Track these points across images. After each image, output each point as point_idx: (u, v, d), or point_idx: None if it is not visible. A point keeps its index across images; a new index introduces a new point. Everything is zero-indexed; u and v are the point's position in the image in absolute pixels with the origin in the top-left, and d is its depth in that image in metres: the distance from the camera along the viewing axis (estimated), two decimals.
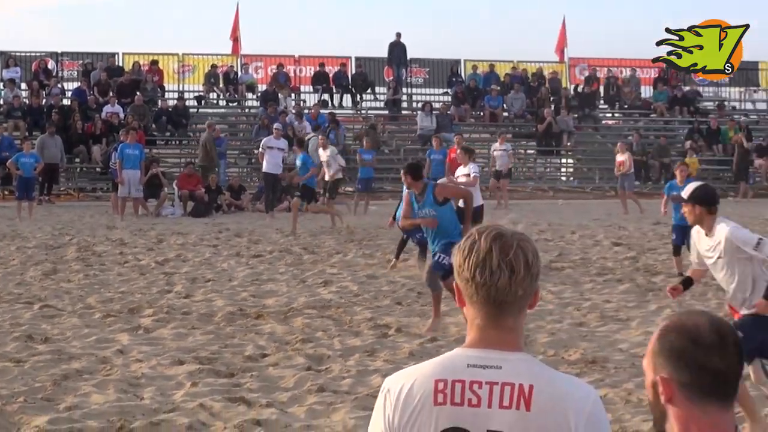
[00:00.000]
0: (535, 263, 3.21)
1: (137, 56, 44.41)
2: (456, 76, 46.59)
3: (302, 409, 10.08)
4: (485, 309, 3.21)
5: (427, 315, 15.05)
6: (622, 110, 47.49)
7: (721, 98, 48.79)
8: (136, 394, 10.54)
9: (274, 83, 44.21)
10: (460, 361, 3.23)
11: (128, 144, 31.42)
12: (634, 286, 17.89)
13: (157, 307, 15.49)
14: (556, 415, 3.14)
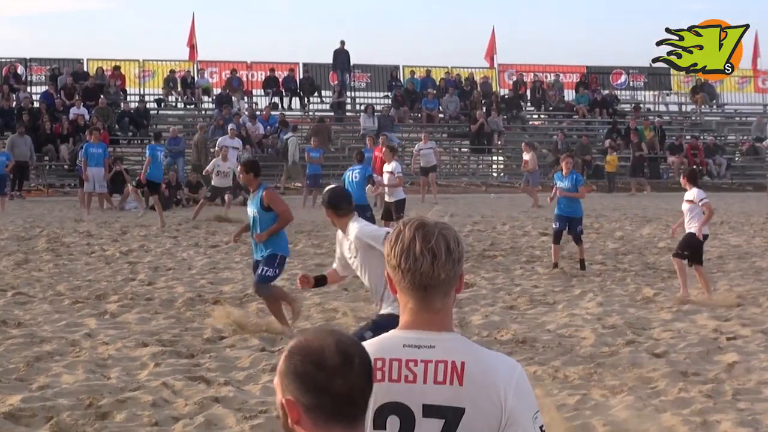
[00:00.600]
0: (456, 249, 3.24)
1: (101, 62, 44.16)
2: (395, 81, 46.67)
3: (257, 387, 10.10)
4: (413, 293, 3.25)
5: (370, 300, 15.07)
6: (547, 112, 47.76)
7: (637, 101, 49.15)
8: (103, 374, 10.51)
9: (228, 87, 44.18)
10: (396, 342, 3.26)
11: (93, 143, 31.37)
12: (559, 273, 18.00)
13: (122, 293, 15.43)
14: (487, 387, 3.17)
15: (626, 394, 9.90)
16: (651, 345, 12.17)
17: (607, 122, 45.99)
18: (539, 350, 11.86)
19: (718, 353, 11.73)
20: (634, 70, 50.04)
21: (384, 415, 3.20)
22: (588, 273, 17.99)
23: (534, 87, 47.63)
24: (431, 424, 3.17)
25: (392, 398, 3.20)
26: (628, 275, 17.75)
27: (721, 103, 50.85)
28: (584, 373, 10.75)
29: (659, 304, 14.99)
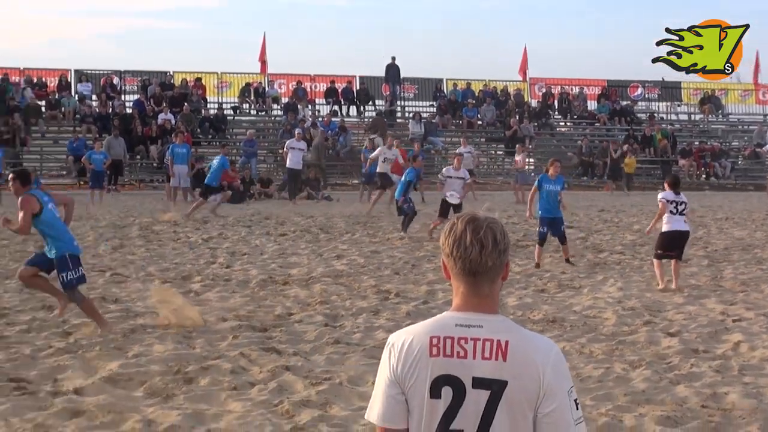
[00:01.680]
0: (503, 241, 3.24)
1: (185, 74, 44.39)
2: (440, 92, 46.62)
3: (322, 358, 10.11)
4: (464, 279, 3.25)
5: (419, 283, 15.07)
6: (572, 120, 47.52)
7: (651, 111, 48.80)
8: (189, 344, 10.56)
9: (294, 96, 44.28)
10: (449, 322, 3.26)
11: (178, 144, 31.53)
12: (584, 261, 17.90)
13: (204, 275, 15.52)
14: (527, 363, 3.17)
15: (644, 368, 9.83)
16: (666, 325, 12.09)
17: (624, 129, 45.69)
18: (567, 329, 11.81)
19: (725, 333, 11.63)
20: (649, 84, 49.71)
21: (439, 386, 3.19)
22: (609, 261, 17.89)
23: (561, 98, 47.46)
24: (479, 395, 3.16)
25: (446, 371, 3.19)
26: (645, 264, 17.61)
27: (726, 113, 50.41)
28: (607, 349, 10.69)
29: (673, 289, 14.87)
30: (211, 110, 43.40)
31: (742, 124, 50.04)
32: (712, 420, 8.09)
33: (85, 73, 43.38)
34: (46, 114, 40.84)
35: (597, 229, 23.57)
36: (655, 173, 43.11)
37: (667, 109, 50.14)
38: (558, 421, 3.16)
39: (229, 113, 43.83)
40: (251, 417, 7.93)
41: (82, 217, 24.41)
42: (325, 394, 8.61)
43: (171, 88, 43.03)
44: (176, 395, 8.57)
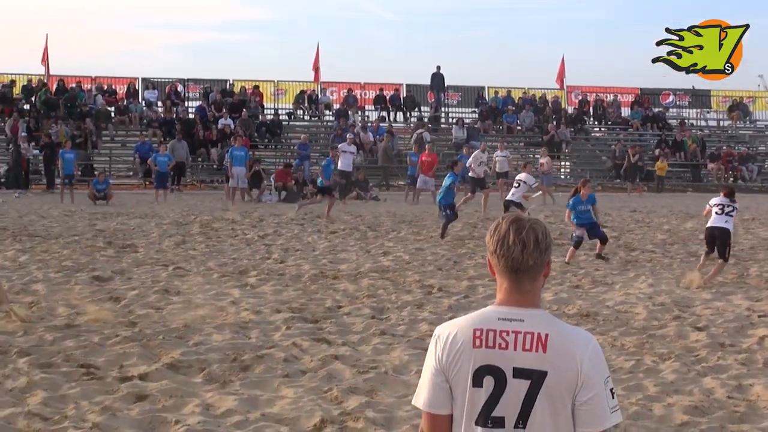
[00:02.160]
0: (544, 241, 3.24)
1: (244, 82, 44.65)
2: (481, 99, 46.53)
3: (368, 348, 10.12)
4: (507, 276, 3.25)
5: (461, 279, 15.03)
6: (607, 126, 47.20)
7: (682, 117, 48.38)
8: (245, 334, 10.62)
9: (345, 103, 44.38)
10: (492, 315, 3.27)
11: (237, 147, 31.73)
12: (617, 258, 17.78)
13: (260, 269, 15.59)
14: (566, 355, 3.16)
15: (673, 360, 9.75)
16: (694, 320, 11.97)
17: (656, 134, 45.32)
18: (600, 322, 11.73)
19: (750, 328, 11.50)
20: (680, 92, 49.26)
21: (481, 375, 3.19)
22: (640, 259, 17.74)
23: (596, 105, 47.18)
24: (519, 384, 3.16)
25: (488, 361, 3.19)
26: (674, 261, 17.47)
27: (754, 120, 49.87)
28: (638, 342, 10.61)
29: (701, 286, 14.72)
30: (267, 116, 43.59)
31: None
32: (737, 410, 8.01)
33: (152, 81, 43.77)
34: (115, 119, 41.29)
35: (629, 229, 23.40)
36: (685, 176, 42.76)
37: (697, 116, 49.67)
38: (595, 408, 3.15)
39: (285, 118, 44.04)
40: (302, 402, 7.96)
41: (147, 215, 24.66)
42: (371, 382, 8.62)
43: (231, 95, 43.30)
44: (233, 381, 8.62)
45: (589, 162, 43.66)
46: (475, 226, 23.59)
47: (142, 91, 43.25)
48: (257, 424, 7.33)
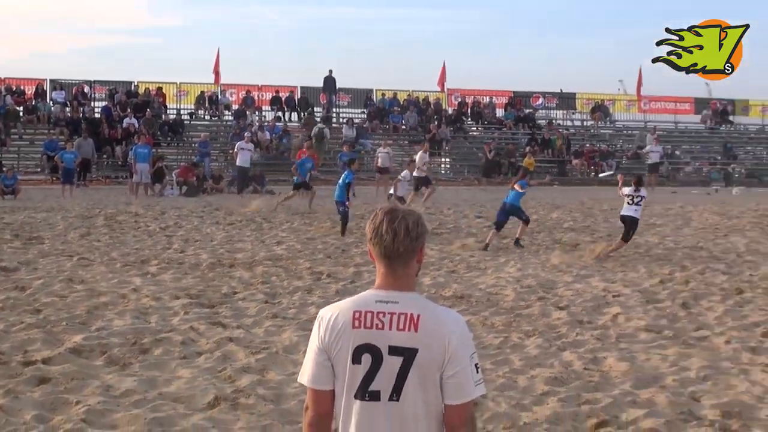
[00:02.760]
0: (415, 229, 3.28)
1: (148, 84, 43.84)
2: (370, 100, 46.58)
3: (261, 330, 10.10)
4: (382, 261, 3.30)
5: (348, 266, 15.08)
6: (483, 125, 47.75)
7: (550, 117, 49.27)
8: (145, 319, 10.49)
9: (243, 104, 43.99)
10: (370, 298, 3.30)
11: (140, 145, 31.29)
12: (490, 246, 18.03)
13: (161, 259, 15.37)
14: (436, 334, 3.21)
15: (537, 337, 9.97)
16: (556, 300, 12.24)
17: (527, 133, 46.07)
18: (473, 304, 11.91)
19: (606, 307, 11.81)
20: (548, 94, 50.23)
21: (360, 353, 3.23)
22: (511, 246, 18.01)
23: (473, 106, 47.69)
24: (394, 360, 3.20)
25: (366, 340, 3.23)
26: (541, 248, 17.82)
27: (613, 120, 51.04)
28: (506, 321, 10.82)
29: (563, 269, 15.06)
30: (170, 115, 42.87)
31: (627, 129, 50.70)
32: (592, 380, 8.24)
33: (60, 83, 42.63)
34: (24, 118, 40.13)
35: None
36: (552, 171, 43.56)
37: (563, 116, 50.58)
38: (461, 382, 3.21)
39: (186, 118, 43.38)
40: (198, 382, 7.91)
41: (53, 209, 24.05)
42: (263, 362, 8.61)
43: (135, 96, 42.45)
44: (132, 364, 8.51)
45: (467, 158, 44.15)
46: (362, 217, 23.65)
47: (50, 92, 42.09)
48: (155, 403, 7.25)
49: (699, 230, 21.65)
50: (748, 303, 12.22)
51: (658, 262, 15.99)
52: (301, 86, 46.06)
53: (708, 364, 8.84)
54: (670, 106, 51.64)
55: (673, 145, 47.85)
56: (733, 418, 7.14)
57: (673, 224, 23.07)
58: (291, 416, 6.99)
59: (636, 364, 8.84)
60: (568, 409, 7.30)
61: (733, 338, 10.02)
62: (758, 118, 52.47)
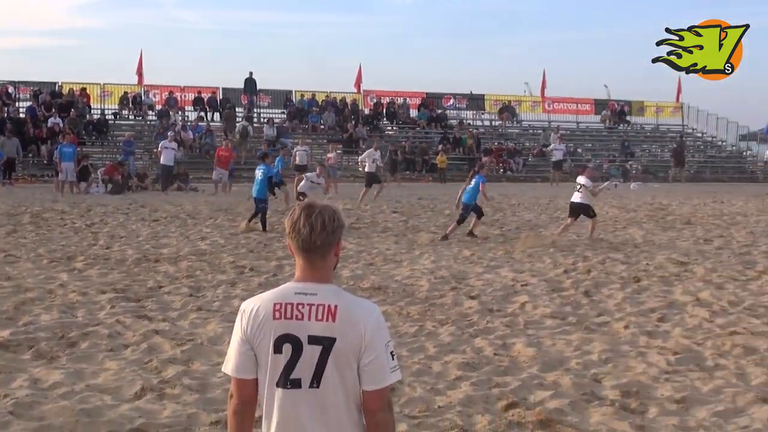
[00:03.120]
0: (331, 224, 3.27)
1: (72, 85, 42.96)
2: (289, 101, 46.40)
3: (186, 322, 9.99)
4: (301, 255, 3.29)
5: (270, 259, 15.00)
6: (398, 125, 47.96)
7: (461, 117, 49.70)
8: (72, 314, 10.27)
9: (166, 104, 43.44)
10: (290, 290, 3.29)
11: (65, 144, 30.68)
12: (405, 239, 18.14)
13: (87, 255, 15.07)
14: (352, 323, 3.21)
15: (450, 325, 10.05)
16: (468, 290, 12.35)
17: (440, 132, 46.43)
18: (390, 294, 11.94)
19: (514, 296, 11.96)
20: (459, 96, 50.70)
21: (281, 343, 3.22)
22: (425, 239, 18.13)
23: (388, 107, 47.86)
24: (313, 349, 3.20)
25: (287, 331, 3.22)
26: (453, 241, 17.95)
27: (520, 120, 51.78)
28: (421, 310, 10.88)
29: (474, 261, 15.22)
30: (94, 115, 42.09)
31: (532, 128, 51.48)
32: (501, 365, 8.34)
33: None
34: None
35: (416, 214, 23.89)
36: (464, 168, 43.91)
37: (473, 117, 51.11)
38: (377, 368, 3.22)
39: (111, 118, 42.67)
40: (125, 373, 7.79)
41: None
42: (188, 353, 8.51)
43: (60, 96, 41.54)
44: (60, 357, 8.34)
45: (383, 156, 44.24)
46: (283, 213, 23.56)
47: None
48: (82, 395, 7.11)
49: (600, 223, 22.08)
50: (645, 290, 12.52)
51: (563, 253, 16.26)
52: (223, 87, 45.67)
53: (608, 348, 9.03)
54: (572, 107, 52.61)
55: (575, 144, 48.75)
56: (631, 398, 7.31)
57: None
58: (216, 404, 6.93)
59: (542, 349, 8.98)
60: (479, 392, 7.39)
61: (632, 323, 10.25)
62: (653, 118, 53.84)
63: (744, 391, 7.51)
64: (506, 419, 6.68)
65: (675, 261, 15.36)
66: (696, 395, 7.41)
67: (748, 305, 11.45)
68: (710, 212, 25.66)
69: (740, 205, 28.75)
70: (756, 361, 8.55)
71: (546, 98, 51.83)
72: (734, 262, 15.44)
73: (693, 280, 13.44)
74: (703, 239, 18.79)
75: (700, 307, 11.25)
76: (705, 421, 6.75)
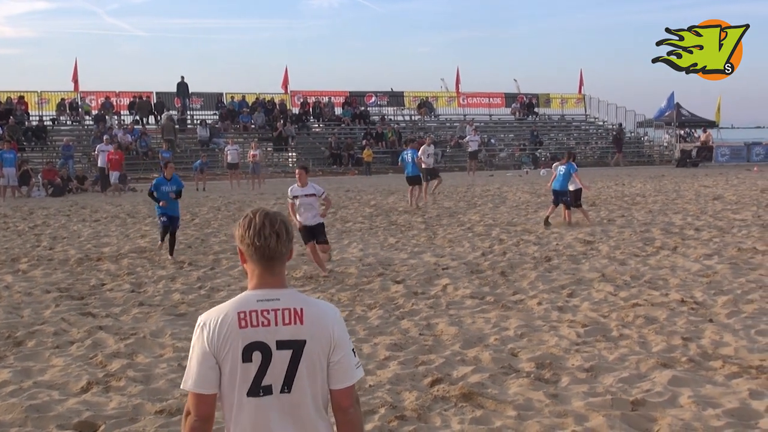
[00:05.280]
0: (290, 231, 3.17)
1: (9, 93, 41.81)
2: (221, 103, 45.85)
3: (129, 317, 9.86)
4: (261, 263, 3.14)
5: (207, 254, 14.85)
6: (324, 122, 47.83)
7: (382, 113, 49.78)
8: (18, 314, 10.05)
9: (102, 109, 42.55)
10: (251, 299, 3.13)
11: (6, 150, 29.77)
12: (335, 229, 18.10)
13: (30, 256, 14.71)
14: (320, 324, 3.12)
15: (378, 309, 10.10)
16: (394, 275, 12.41)
17: (363, 128, 46.45)
18: (321, 282, 11.93)
19: (437, 279, 12.06)
20: (380, 93, 50.77)
21: (250, 352, 3.08)
22: (353, 229, 18.15)
23: (315, 106, 47.66)
24: (283, 354, 3.08)
25: (254, 339, 3.08)
26: (379, 230, 18.01)
27: (437, 114, 52.11)
28: (351, 296, 10.91)
29: (399, 247, 15.28)
30: (33, 122, 40.99)
31: (449, 122, 51.83)
32: (426, 344, 8.42)
33: None
34: None
35: (344, 205, 23.87)
36: (387, 160, 44.07)
37: (394, 112, 51.23)
38: (345, 366, 3.14)
39: (49, 124, 41.56)
40: (71, 369, 7.66)
41: None
42: (132, 347, 8.40)
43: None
44: (7, 356, 8.15)
45: (311, 152, 44.12)
46: (218, 209, 23.34)
47: None
48: (30, 391, 6.97)
49: (513, 208, 22.39)
50: (555, 269, 12.75)
51: (480, 237, 16.45)
52: (157, 91, 44.92)
53: (524, 324, 9.19)
54: (484, 101, 53.12)
55: (489, 134, 49.20)
56: (545, 369, 7.46)
57: (492, 203, 23.77)
58: (160, 395, 6.86)
59: (463, 327, 9.09)
60: (406, 370, 7.45)
61: (544, 300, 10.44)
62: (558, 110, 54.70)
63: (646, 358, 7.72)
64: (432, 395, 6.75)
65: (582, 240, 15.66)
66: (603, 364, 7.60)
67: (648, 279, 11.75)
68: (613, 194, 26.21)
69: (639, 186, 29.42)
70: (656, 330, 8.79)
71: (461, 93, 52.25)
72: (635, 239, 15.81)
73: (598, 258, 13.73)
74: (607, 219, 19.19)
75: (605, 282, 11.51)
76: (612, 387, 6.92)
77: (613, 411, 6.29)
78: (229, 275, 12.69)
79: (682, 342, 8.29)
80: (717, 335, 8.58)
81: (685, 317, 9.36)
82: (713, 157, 47.24)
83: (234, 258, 14.28)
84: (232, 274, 12.73)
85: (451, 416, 6.30)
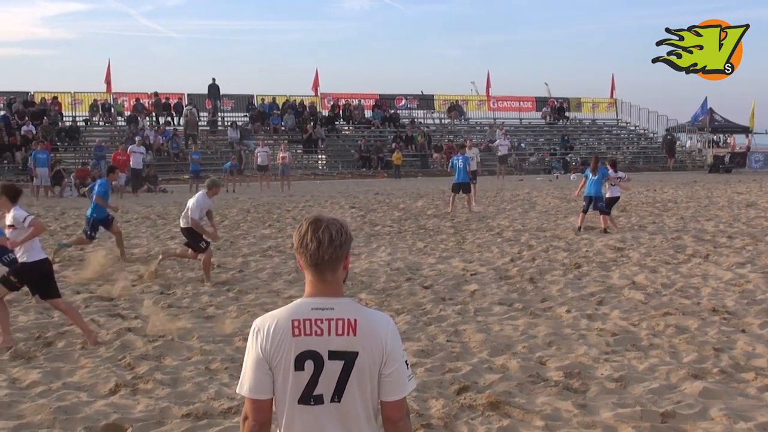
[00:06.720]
0: (339, 238, 3.08)
1: (44, 93, 42.31)
2: (251, 105, 46.08)
3: (158, 318, 9.88)
4: (311, 269, 3.10)
5: (236, 256, 14.89)
6: (354, 125, 47.89)
7: (412, 117, 49.76)
8: (48, 314, 10.12)
9: (134, 110, 42.91)
10: (306, 306, 3.09)
11: (39, 151, 30.14)
12: (363, 233, 18.11)
13: (62, 257, 14.84)
14: (373, 336, 3.07)
15: (406, 314, 10.06)
16: (422, 280, 12.38)
17: (393, 131, 46.45)
18: (349, 286, 11.89)
19: (465, 284, 12.01)
20: (410, 96, 50.75)
21: (302, 360, 3.05)
22: (381, 233, 18.13)
23: (345, 108, 47.75)
24: (335, 365, 3.05)
25: (307, 347, 3.05)
26: (408, 234, 17.97)
27: (468, 118, 51.97)
28: (378, 300, 10.88)
29: (428, 252, 15.24)
30: (66, 122, 41.42)
31: (479, 125, 51.68)
32: (454, 351, 8.37)
33: None
34: None
35: (372, 209, 23.87)
36: (416, 164, 44.07)
37: (424, 116, 51.19)
38: (397, 378, 3.09)
39: (82, 125, 42.06)
40: (99, 371, 7.70)
41: None
42: (160, 349, 8.44)
43: (32, 105, 40.85)
44: (37, 357, 8.22)
45: (341, 155, 44.22)
46: (248, 211, 23.43)
47: None
48: (59, 392, 7.02)
49: (542, 213, 22.26)
50: (585, 276, 12.65)
51: (509, 242, 16.36)
52: (188, 93, 45.21)
53: (552, 332, 9.11)
54: (515, 105, 52.94)
55: (519, 139, 49.01)
56: (574, 378, 7.38)
57: (521, 208, 23.65)
58: (186, 398, 6.87)
59: (491, 334, 9.03)
60: (433, 377, 7.41)
61: (573, 307, 10.35)
62: (589, 114, 54.37)
63: (677, 368, 7.62)
64: (459, 402, 6.71)
65: (612, 247, 15.53)
66: (633, 374, 7.51)
67: (679, 287, 11.62)
68: (644, 200, 25.98)
69: (671, 192, 29.14)
70: (687, 340, 8.68)
71: (491, 97, 52.12)
72: (666, 246, 15.65)
73: (629, 265, 13.60)
74: (637, 226, 19.02)
75: (635, 290, 11.40)
76: (641, 398, 6.83)
77: (643, 423, 6.21)
78: (258, 278, 12.72)
79: (713, 353, 8.18)
80: (749, 346, 8.45)
81: (716, 327, 9.24)
82: (747, 163, 46.71)
83: (263, 260, 14.33)
84: (261, 277, 12.76)
85: (478, 425, 6.25)
